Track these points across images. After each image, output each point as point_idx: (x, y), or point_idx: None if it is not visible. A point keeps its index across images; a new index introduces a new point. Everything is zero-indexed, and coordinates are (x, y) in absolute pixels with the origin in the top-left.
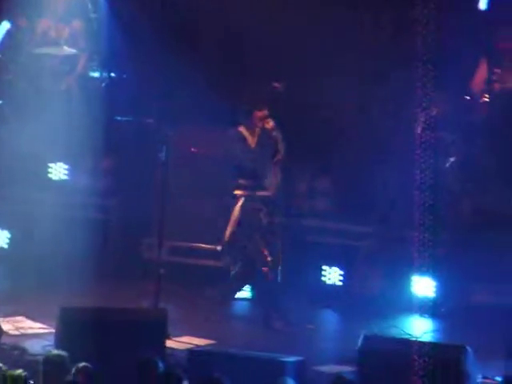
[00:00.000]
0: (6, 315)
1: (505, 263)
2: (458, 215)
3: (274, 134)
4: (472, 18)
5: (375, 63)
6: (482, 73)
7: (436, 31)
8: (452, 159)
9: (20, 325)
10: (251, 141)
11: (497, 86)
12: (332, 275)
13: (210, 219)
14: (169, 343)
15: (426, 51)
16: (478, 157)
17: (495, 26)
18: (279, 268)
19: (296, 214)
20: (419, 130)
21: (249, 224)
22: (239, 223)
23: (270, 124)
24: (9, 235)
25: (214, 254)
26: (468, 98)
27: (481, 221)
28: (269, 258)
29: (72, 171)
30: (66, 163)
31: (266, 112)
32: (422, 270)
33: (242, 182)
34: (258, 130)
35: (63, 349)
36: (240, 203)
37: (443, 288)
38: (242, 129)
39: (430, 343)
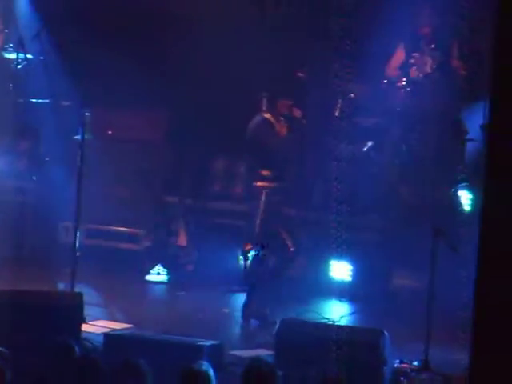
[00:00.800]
0: None
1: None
2: (376, 199)
3: (304, 121)
4: (391, 1)
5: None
6: (398, 57)
7: (352, 14)
8: (370, 143)
9: None
10: (279, 129)
11: (413, 70)
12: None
13: (128, 202)
14: (85, 327)
15: (341, 35)
16: (395, 143)
17: (414, 9)
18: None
19: (213, 196)
20: (337, 114)
21: (273, 216)
22: (264, 216)
23: (298, 112)
24: None
25: (132, 237)
26: (385, 81)
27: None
28: (291, 249)
29: None
30: None
31: (291, 101)
32: (339, 254)
33: (265, 173)
34: (282, 118)
35: None
36: (264, 197)
37: (362, 272)
38: (268, 116)
39: (347, 327)
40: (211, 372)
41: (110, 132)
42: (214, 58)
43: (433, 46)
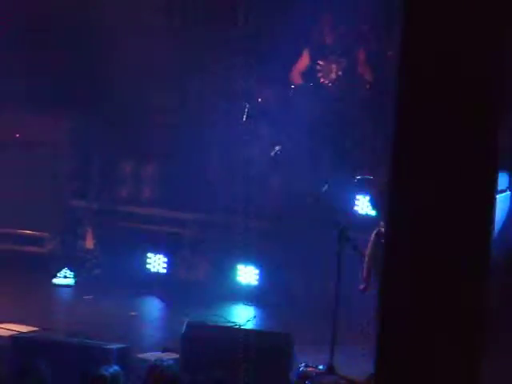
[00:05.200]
0: None
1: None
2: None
3: None
4: (297, 7)
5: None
6: (302, 63)
7: (258, 19)
8: (278, 148)
9: None
10: None
11: (320, 77)
12: (156, 262)
13: (34, 205)
14: None
15: (247, 40)
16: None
17: (320, 15)
18: None
19: (120, 200)
20: (244, 118)
21: None
22: None
23: None
24: None
25: (38, 241)
26: (292, 87)
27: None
28: None
29: None
30: None
31: None
32: (246, 258)
33: None
34: None
35: None
36: None
37: (267, 276)
38: None
39: (253, 331)
40: (119, 375)
41: (17, 135)
42: (120, 61)
43: (338, 52)
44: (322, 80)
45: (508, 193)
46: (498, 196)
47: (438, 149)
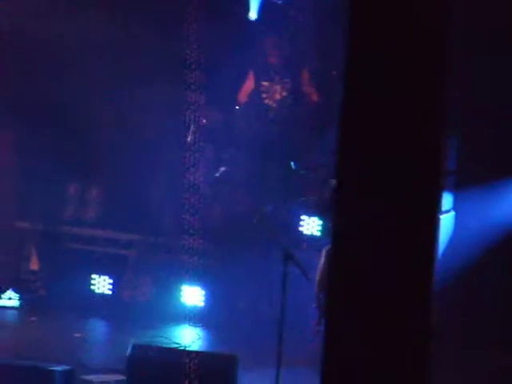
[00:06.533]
0: None
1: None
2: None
3: None
4: (242, 28)
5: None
6: (248, 85)
7: (205, 38)
8: (223, 169)
9: None
10: None
11: (265, 98)
12: (101, 284)
13: None
14: None
15: (194, 59)
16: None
17: (264, 37)
18: None
19: (65, 222)
20: (189, 139)
21: None
22: None
23: None
24: None
25: None
26: (237, 108)
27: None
28: None
29: None
30: None
31: None
32: (191, 279)
33: None
34: None
35: None
36: None
37: (213, 297)
38: None
39: (199, 352)
40: None
41: None
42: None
43: (282, 73)
44: (266, 101)
45: (452, 213)
46: (442, 216)
47: (383, 166)
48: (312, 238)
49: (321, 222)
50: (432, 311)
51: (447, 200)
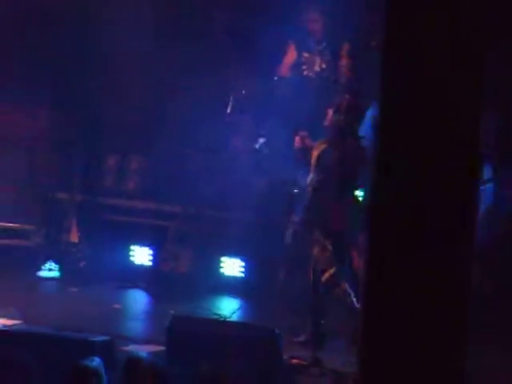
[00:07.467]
0: None
1: None
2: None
3: None
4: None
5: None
6: (289, 57)
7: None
8: (262, 140)
9: None
10: None
11: (304, 69)
12: (141, 255)
13: (18, 199)
14: None
15: (230, 32)
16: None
17: (305, 8)
18: None
19: (105, 192)
20: (228, 110)
21: None
22: None
23: None
24: None
25: (22, 234)
26: (276, 78)
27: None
28: None
29: None
30: None
31: None
32: (230, 250)
33: None
34: None
35: None
36: None
37: (251, 268)
38: None
39: (239, 323)
40: (102, 368)
41: None
42: (101, 53)
43: (323, 44)
44: (305, 72)
45: (490, 185)
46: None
47: (422, 138)
48: None
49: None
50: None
51: (487, 170)
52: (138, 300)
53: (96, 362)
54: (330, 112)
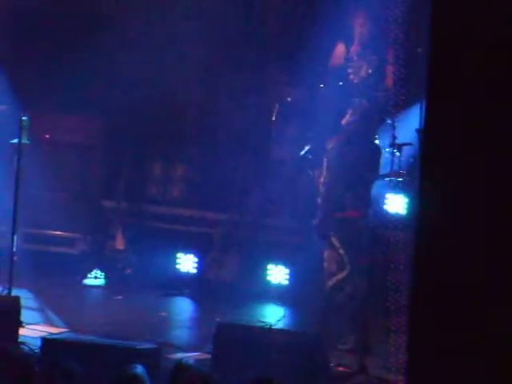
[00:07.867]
0: None
1: None
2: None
3: None
4: (330, 4)
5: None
6: (339, 48)
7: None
8: (307, 147)
9: None
10: None
11: (350, 73)
12: (187, 262)
13: (65, 206)
14: (22, 331)
15: (279, 38)
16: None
17: (354, 12)
18: None
19: (150, 200)
20: (274, 118)
21: None
22: None
23: None
24: None
25: (69, 241)
26: (322, 86)
27: None
28: None
29: None
30: None
31: None
32: (276, 258)
33: None
34: None
35: None
36: None
37: (297, 275)
38: None
39: (283, 331)
40: (146, 375)
41: (47, 136)
42: (150, 61)
43: (369, 50)
44: (351, 77)
45: None
46: None
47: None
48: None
49: (407, 200)
50: None
51: None
52: (183, 307)
53: (139, 369)
54: (350, 112)
